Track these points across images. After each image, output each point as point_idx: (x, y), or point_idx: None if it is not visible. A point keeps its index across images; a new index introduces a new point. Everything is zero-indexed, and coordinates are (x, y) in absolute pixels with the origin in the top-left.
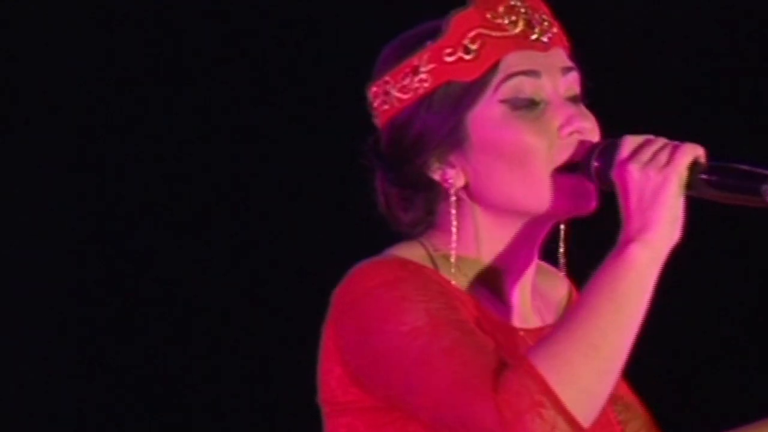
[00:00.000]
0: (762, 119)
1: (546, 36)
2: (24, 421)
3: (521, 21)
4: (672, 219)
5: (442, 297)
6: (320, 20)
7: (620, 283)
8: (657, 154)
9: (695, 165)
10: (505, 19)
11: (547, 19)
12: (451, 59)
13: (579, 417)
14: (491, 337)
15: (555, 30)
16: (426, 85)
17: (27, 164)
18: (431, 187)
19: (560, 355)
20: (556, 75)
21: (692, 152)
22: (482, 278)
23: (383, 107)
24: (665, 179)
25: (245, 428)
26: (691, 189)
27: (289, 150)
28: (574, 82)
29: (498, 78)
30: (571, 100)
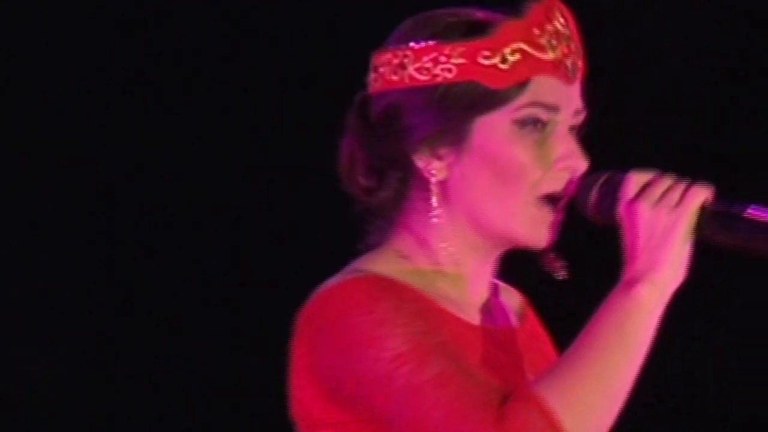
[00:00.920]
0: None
1: (575, 69)
2: (24, 421)
3: (561, 47)
4: (679, 260)
5: (420, 318)
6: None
7: (628, 321)
8: (668, 194)
9: (704, 207)
10: (549, 41)
11: (579, 51)
12: (486, 63)
13: None
14: (470, 344)
15: (581, 64)
16: (448, 76)
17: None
18: (407, 170)
19: (569, 391)
20: (571, 113)
21: (703, 194)
22: (454, 282)
23: (391, 77)
24: (677, 220)
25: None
26: (700, 231)
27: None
28: (580, 121)
29: (522, 99)
30: (574, 134)
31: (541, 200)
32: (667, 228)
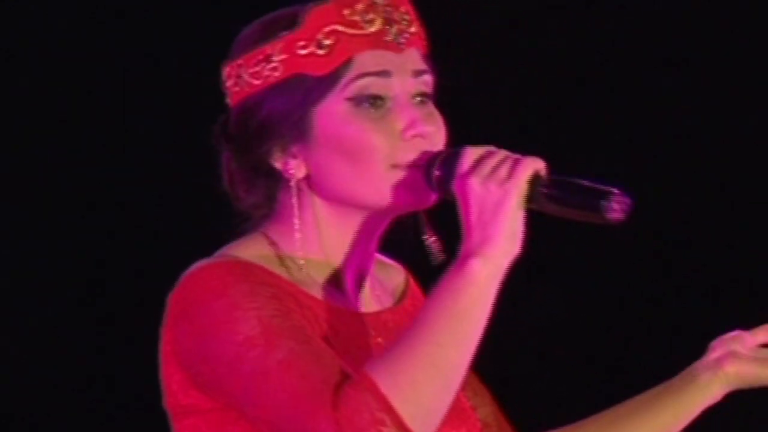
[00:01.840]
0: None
1: (402, 37)
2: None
3: (379, 20)
4: (512, 233)
5: (274, 302)
6: None
7: (460, 299)
8: (498, 168)
9: (536, 179)
10: (363, 17)
11: (407, 18)
12: (304, 52)
13: None
14: (333, 328)
15: (413, 30)
16: (276, 74)
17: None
18: (272, 175)
19: (402, 373)
20: (407, 76)
21: (533, 166)
22: (323, 268)
23: (235, 88)
24: (505, 193)
25: None
26: (532, 203)
27: None
28: (425, 85)
29: (348, 76)
30: (421, 102)
31: (398, 169)
32: (497, 202)
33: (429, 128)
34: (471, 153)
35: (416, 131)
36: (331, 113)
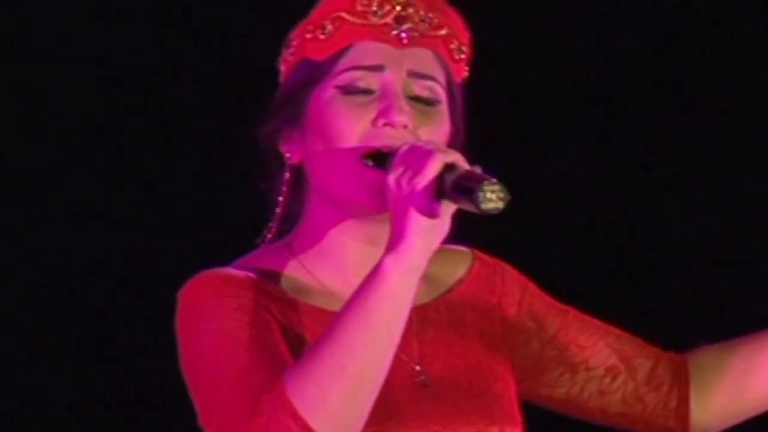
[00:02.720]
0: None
1: (409, 33)
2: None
3: (392, 15)
4: (424, 229)
5: (238, 313)
6: None
7: (370, 298)
8: (411, 164)
9: (449, 173)
10: (374, 9)
11: (429, 21)
12: (309, 36)
13: None
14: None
15: (431, 32)
16: (291, 59)
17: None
18: (283, 163)
19: (308, 376)
20: (402, 73)
21: (442, 159)
22: (330, 271)
23: (281, 77)
24: (412, 189)
25: None
26: (444, 197)
27: None
28: (426, 89)
29: (342, 65)
30: (415, 101)
31: (365, 158)
32: (406, 198)
33: (400, 118)
34: (400, 150)
35: (387, 119)
36: (321, 98)
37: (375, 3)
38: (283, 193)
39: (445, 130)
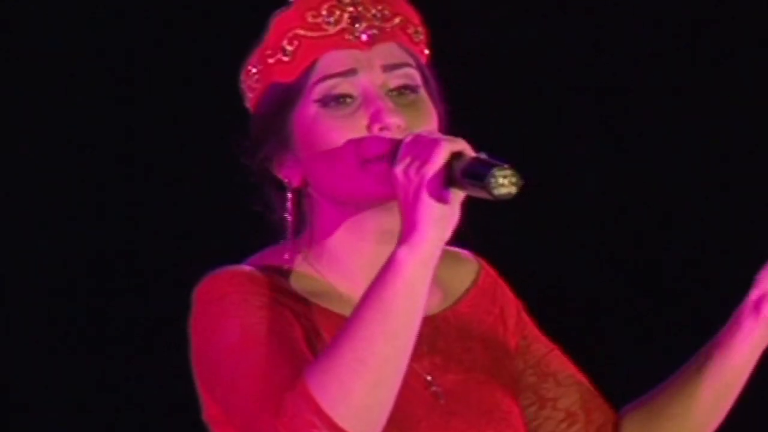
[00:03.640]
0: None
1: (368, 32)
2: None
3: (344, 19)
4: (436, 218)
5: (263, 311)
6: None
7: (386, 290)
8: (418, 154)
9: (457, 160)
10: (326, 18)
11: (384, 14)
12: (272, 61)
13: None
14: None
15: (389, 24)
16: (258, 86)
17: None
18: (284, 188)
19: (329, 371)
20: (376, 72)
21: (449, 148)
22: (341, 275)
23: (246, 101)
24: (422, 179)
25: None
26: (454, 186)
27: None
28: (404, 77)
29: (312, 79)
30: (399, 95)
31: (370, 162)
32: (416, 188)
33: (394, 119)
34: (404, 142)
35: (381, 124)
36: (304, 117)
37: (324, 11)
38: (290, 212)
39: (434, 116)
